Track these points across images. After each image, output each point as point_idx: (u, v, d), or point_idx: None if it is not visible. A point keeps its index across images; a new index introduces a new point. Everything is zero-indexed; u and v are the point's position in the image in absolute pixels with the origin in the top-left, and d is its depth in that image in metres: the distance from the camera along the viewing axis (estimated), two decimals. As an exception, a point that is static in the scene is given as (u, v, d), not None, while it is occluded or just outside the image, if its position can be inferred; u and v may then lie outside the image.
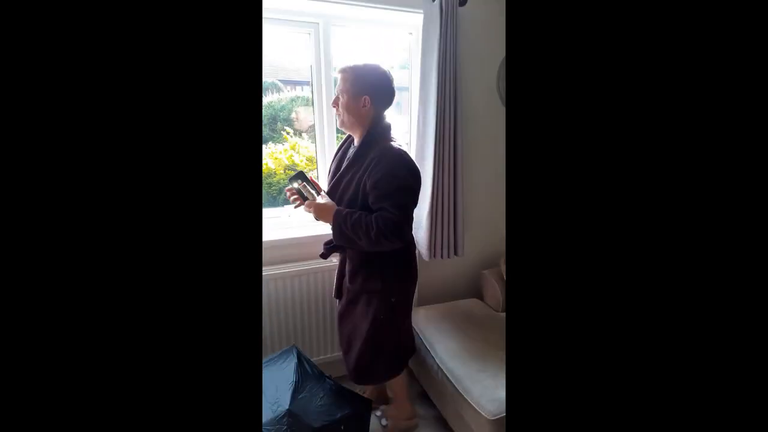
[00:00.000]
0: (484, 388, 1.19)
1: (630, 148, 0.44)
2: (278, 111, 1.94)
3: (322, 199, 1.14)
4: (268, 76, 1.96)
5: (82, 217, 0.42)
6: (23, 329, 0.40)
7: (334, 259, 1.51)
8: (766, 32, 0.39)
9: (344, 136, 1.25)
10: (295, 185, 1.14)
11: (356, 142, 1.16)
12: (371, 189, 1.06)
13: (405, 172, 1.06)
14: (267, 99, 1.95)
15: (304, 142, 1.76)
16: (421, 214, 1.58)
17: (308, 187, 1.14)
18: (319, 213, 1.12)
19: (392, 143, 1.11)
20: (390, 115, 1.17)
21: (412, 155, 1.65)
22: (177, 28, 0.43)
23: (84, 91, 0.41)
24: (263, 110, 1.90)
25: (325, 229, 1.37)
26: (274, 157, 1.72)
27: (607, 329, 0.45)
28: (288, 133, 1.75)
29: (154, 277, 0.44)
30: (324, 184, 1.54)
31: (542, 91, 0.47)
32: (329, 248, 1.24)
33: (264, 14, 1.40)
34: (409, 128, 1.75)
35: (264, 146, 1.71)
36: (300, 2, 1.36)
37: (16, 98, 0.39)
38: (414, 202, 1.12)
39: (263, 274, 1.44)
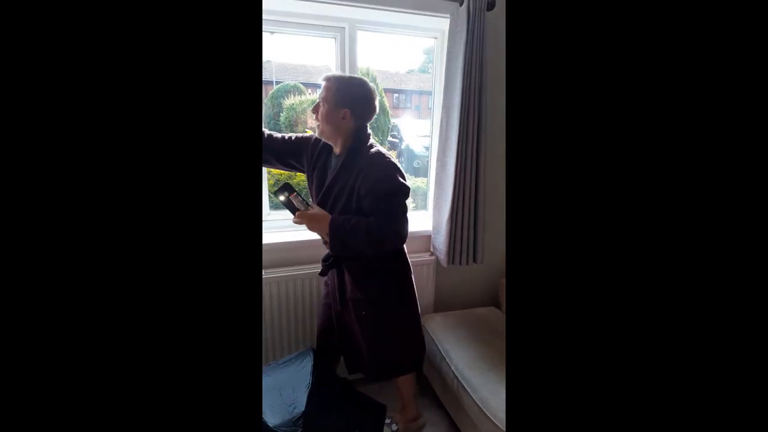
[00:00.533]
0: (502, 400, 1.17)
1: (628, 150, 0.43)
2: (300, 114, 1.96)
3: (312, 209, 1.12)
4: (290, 79, 1.99)
5: (81, 219, 0.41)
6: (24, 335, 0.40)
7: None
8: (766, 32, 0.38)
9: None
10: (282, 198, 1.10)
11: (337, 151, 1.15)
12: (366, 194, 1.06)
13: (396, 174, 1.09)
14: (289, 101, 1.97)
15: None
16: (442, 219, 1.56)
17: (299, 196, 1.10)
18: (313, 223, 1.10)
19: (375, 148, 1.13)
20: (409, 119, 1.17)
21: (433, 159, 1.65)
22: (176, 28, 0.43)
23: (83, 90, 0.41)
24: (284, 112, 1.92)
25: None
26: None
27: (607, 333, 0.45)
28: (309, 135, 1.77)
29: (155, 278, 0.44)
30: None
31: (542, 92, 0.47)
32: (327, 265, 1.22)
33: (289, 19, 1.42)
34: (431, 132, 1.74)
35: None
36: (326, 7, 1.38)
37: (15, 98, 0.39)
38: (405, 204, 1.12)
39: (284, 274, 1.46)
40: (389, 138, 2.16)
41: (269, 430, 1.00)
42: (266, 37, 1.51)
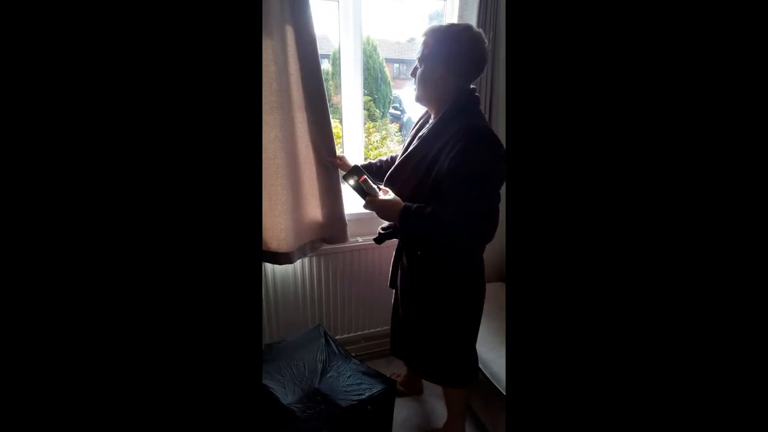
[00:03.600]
0: (512, 374, 1.18)
1: (628, 148, 0.43)
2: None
3: (384, 194, 1.01)
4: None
5: (82, 209, 0.41)
6: (22, 321, 0.40)
7: (360, 239, 1.49)
8: (766, 32, 0.38)
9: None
10: (351, 182, 1.03)
11: (433, 118, 1.00)
12: (448, 174, 0.88)
13: (489, 155, 0.88)
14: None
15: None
16: (450, 195, 1.53)
17: (368, 181, 1.03)
18: (383, 211, 0.99)
19: (476, 121, 0.94)
20: (411, 90, 1.03)
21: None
22: (175, 19, 0.42)
23: (83, 79, 0.40)
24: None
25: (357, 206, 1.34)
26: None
27: (606, 326, 0.45)
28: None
29: (155, 265, 0.43)
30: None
31: (542, 90, 0.46)
32: (384, 235, 1.13)
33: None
34: (438, 105, 1.67)
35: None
36: (329, -34, 1.28)
37: (18, 99, 0.38)
38: (499, 191, 0.92)
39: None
40: (391, 110, 2.09)
41: (283, 407, 1.01)
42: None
